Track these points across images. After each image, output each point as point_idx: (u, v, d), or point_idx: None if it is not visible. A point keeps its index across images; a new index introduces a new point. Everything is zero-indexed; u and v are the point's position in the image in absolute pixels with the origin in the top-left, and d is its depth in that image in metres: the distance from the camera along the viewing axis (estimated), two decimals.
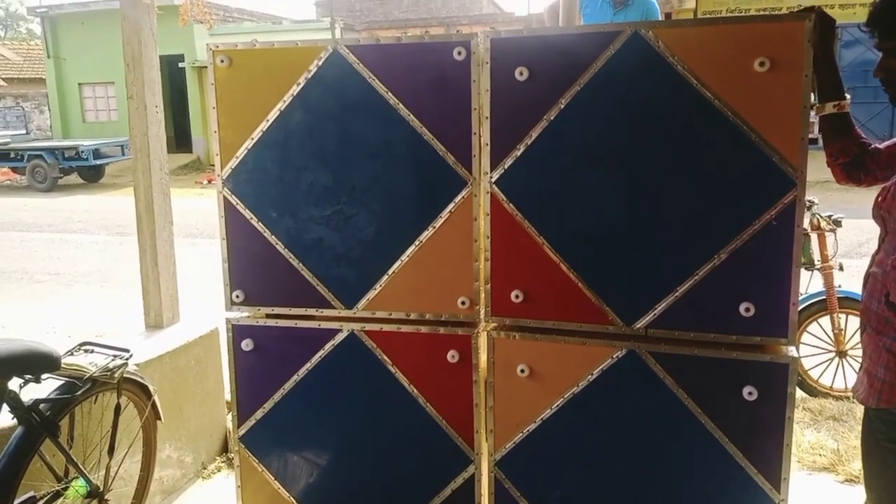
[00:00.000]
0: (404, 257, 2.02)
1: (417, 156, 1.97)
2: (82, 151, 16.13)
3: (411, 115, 1.95)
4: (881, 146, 1.84)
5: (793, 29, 1.66)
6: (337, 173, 2.04)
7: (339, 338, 2.11)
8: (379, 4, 24.94)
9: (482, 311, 2.00)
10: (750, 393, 1.76)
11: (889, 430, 1.62)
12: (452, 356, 2.02)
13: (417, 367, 2.07)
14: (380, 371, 2.09)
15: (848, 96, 1.86)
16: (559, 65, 1.83)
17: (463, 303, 2.00)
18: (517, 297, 1.94)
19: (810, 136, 1.88)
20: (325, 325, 2.12)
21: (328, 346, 2.12)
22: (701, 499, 1.87)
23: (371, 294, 2.06)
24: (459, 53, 1.89)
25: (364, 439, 2.16)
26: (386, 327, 2.08)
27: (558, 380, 1.95)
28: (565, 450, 1.98)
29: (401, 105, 1.95)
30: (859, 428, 3.30)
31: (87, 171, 16.97)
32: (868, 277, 1.71)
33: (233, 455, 2.33)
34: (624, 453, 1.92)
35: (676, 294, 1.81)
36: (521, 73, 1.85)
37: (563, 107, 1.83)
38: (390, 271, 2.03)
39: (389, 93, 1.96)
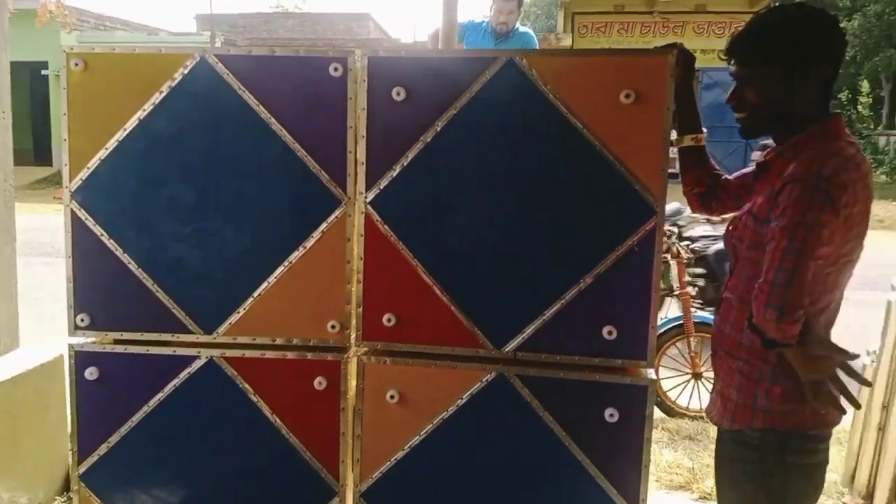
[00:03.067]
0: (272, 279, 1.92)
1: (289, 173, 1.89)
2: None
3: (283, 130, 1.87)
4: (731, 177, 1.97)
5: (657, 63, 1.74)
6: (201, 188, 1.92)
7: (197, 365, 1.97)
8: (263, 22, 24.44)
9: (353, 336, 1.94)
10: (611, 415, 1.80)
11: (742, 450, 1.69)
12: (320, 383, 1.93)
13: (282, 396, 1.97)
14: (240, 400, 1.97)
15: (705, 130, 1.98)
16: (436, 87, 1.82)
17: (333, 327, 1.92)
18: (389, 320, 1.90)
19: (673, 170, 1.98)
20: (180, 351, 1.97)
21: (183, 375, 1.97)
22: None
23: (234, 318, 1.95)
24: (336, 70, 1.85)
25: (222, 473, 2.02)
26: (248, 353, 1.96)
27: (428, 405, 1.91)
28: (433, 477, 1.94)
29: (273, 119, 1.87)
30: (713, 447, 3.49)
31: None
32: (721, 302, 1.80)
33: (73, 495, 2.11)
34: (490, 477, 1.91)
35: (544, 317, 1.84)
36: (398, 94, 1.82)
37: (439, 129, 1.83)
38: (256, 293, 1.93)
39: (261, 106, 1.87)
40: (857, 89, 28.13)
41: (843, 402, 1.62)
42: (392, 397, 1.92)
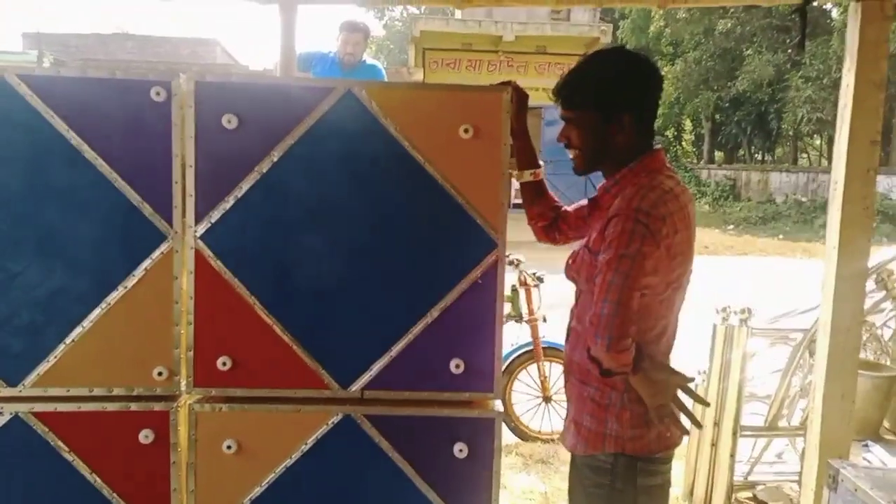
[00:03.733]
0: (87, 323, 1.72)
1: (107, 205, 1.72)
2: None
3: (99, 159, 1.70)
4: (570, 209, 2.04)
5: (493, 100, 1.76)
6: (3, 222, 1.70)
7: (0, 423, 1.73)
8: (100, 43, 22.86)
9: (183, 383, 1.78)
10: (461, 450, 1.77)
11: (595, 475, 1.72)
12: (146, 436, 1.75)
13: (102, 453, 1.76)
14: (54, 460, 1.74)
15: (542, 163, 2.04)
16: (271, 116, 1.74)
17: (160, 373, 1.76)
18: (224, 364, 1.76)
19: (520, 201, 2.02)
20: None
21: None
22: None
23: (43, 367, 1.73)
24: (158, 94, 1.71)
25: None
26: (62, 407, 1.74)
27: (270, 453, 1.79)
28: None
29: (85, 146, 1.70)
30: (564, 469, 3.59)
31: None
32: (570, 331, 1.84)
33: None
34: None
35: (392, 354, 1.79)
36: (228, 121, 1.72)
37: (276, 160, 1.74)
38: (69, 339, 1.72)
39: (72, 132, 1.69)
40: (681, 127, 31.03)
41: (686, 422, 1.70)
42: (229, 447, 1.77)
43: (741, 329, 3.33)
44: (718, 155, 30.21)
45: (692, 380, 1.68)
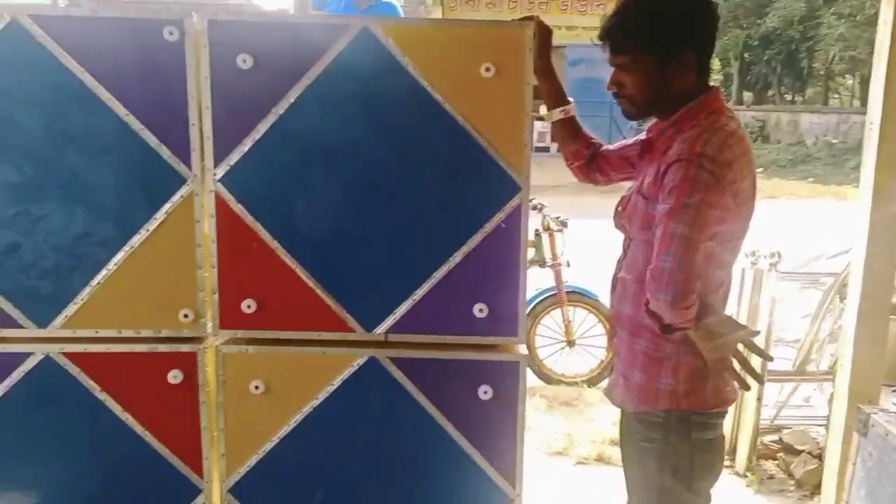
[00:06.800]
0: (112, 265, 1.73)
1: (125, 148, 1.70)
2: None
3: (115, 101, 1.68)
4: (612, 148, 1.95)
5: (515, 36, 1.69)
6: (22, 166, 1.70)
7: (32, 363, 1.76)
8: None
9: (209, 325, 1.79)
10: (485, 392, 1.77)
11: (647, 430, 1.68)
12: (175, 376, 1.78)
13: (133, 392, 1.79)
14: (85, 399, 1.78)
15: (571, 100, 1.96)
16: (286, 55, 1.69)
17: (186, 316, 1.77)
18: (249, 307, 1.77)
19: (543, 144, 1.96)
20: (11, 348, 1.75)
21: (17, 374, 1.76)
22: (442, 501, 1.86)
23: (71, 309, 1.75)
24: (171, 34, 1.67)
25: (72, 479, 1.83)
26: (92, 348, 1.77)
27: (296, 394, 1.81)
28: (305, 466, 1.85)
29: (102, 89, 1.67)
30: (588, 411, 3.62)
31: None
32: (617, 282, 1.78)
33: None
34: (364, 462, 1.84)
35: (415, 298, 1.78)
36: (244, 61, 1.68)
37: (292, 100, 1.70)
38: (94, 282, 1.74)
39: (87, 74, 1.67)
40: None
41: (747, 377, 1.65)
42: (257, 388, 1.80)
43: (770, 273, 3.27)
44: (747, 95, 29.39)
45: (757, 333, 1.61)
